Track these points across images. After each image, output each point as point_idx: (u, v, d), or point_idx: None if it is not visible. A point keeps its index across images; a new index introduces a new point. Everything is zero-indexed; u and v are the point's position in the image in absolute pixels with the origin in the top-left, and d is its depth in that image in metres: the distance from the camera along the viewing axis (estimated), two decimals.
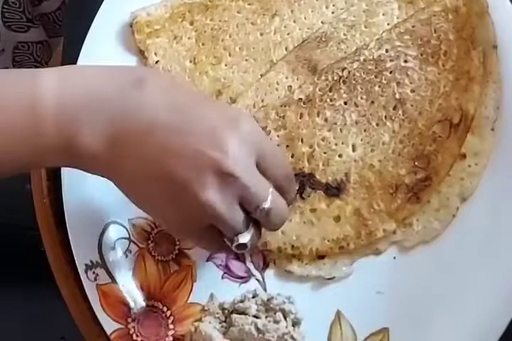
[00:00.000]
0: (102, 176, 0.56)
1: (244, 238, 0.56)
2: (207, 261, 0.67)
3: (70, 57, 0.71)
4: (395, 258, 0.66)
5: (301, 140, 0.68)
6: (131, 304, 0.65)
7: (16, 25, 0.95)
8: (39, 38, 1.00)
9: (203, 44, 0.72)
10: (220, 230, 0.56)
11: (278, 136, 0.68)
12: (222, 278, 0.66)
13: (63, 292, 0.67)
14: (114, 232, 0.66)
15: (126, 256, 0.66)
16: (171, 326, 0.64)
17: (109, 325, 0.63)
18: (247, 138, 0.54)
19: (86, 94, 0.54)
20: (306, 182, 0.67)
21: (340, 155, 0.67)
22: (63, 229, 0.67)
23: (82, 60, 0.70)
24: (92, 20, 0.71)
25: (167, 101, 0.54)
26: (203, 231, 0.57)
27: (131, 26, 0.72)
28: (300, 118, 0.68)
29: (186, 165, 0.53)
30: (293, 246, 0.66)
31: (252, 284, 0.65)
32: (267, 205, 0.55)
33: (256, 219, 0.56)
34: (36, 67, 1.03)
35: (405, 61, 0.69)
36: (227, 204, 0.54)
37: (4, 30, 0.95)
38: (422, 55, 0.69)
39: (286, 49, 0.71)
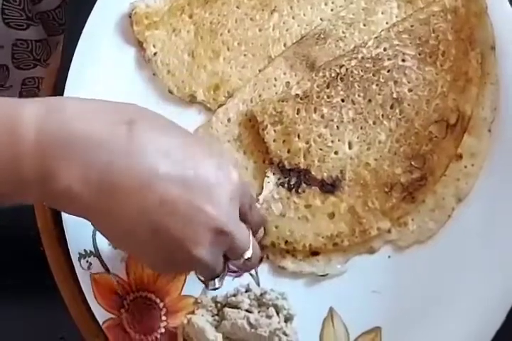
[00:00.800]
0: (78, 216, 0.54)
1: (220, 282, 0.58)
2: None
3: (71, 53, 0.70)
4: (389, 257, 0.66)
5: (298, 135, 0.67)
6: (124, 295, 0.64)
7: (15, 23, 0.95)
8: (38, 36, 0.99)
9: (201, 38, 0.72)
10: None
11: (275, 130, 0.68)
12: None
13: (63, 292, 0.67)
14: None
15: None
16: (164, 318, 0.64)
17: (102, 315, 0.63)
18: (237, 191, 0.55)
19: (69, 133, 0.50)
20: (301, 177, 0.67)
21: (336, 152, 0.67)
22: (62, 228, 0.66)
23: (79, 50, 0.70)
24: None
25: (159, 147, 0.52)
26: (182, 271, 0.60)
27: (129, 17, 0.72)
28: (297, 113, 0.68)
29: (183, 222, 0.52)
30: (286, 241, 0.66)
31: (246, 278, 0.64)
32: (249, 254, 0.57)
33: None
34: (35, 65, 1.03)
35: (403, 60, 0.68)
36: (215, 257, 0.55)
37: (3, 27, 0.94)
38: (420, 54, 0.68)
39: (284, 45, 0.71)
